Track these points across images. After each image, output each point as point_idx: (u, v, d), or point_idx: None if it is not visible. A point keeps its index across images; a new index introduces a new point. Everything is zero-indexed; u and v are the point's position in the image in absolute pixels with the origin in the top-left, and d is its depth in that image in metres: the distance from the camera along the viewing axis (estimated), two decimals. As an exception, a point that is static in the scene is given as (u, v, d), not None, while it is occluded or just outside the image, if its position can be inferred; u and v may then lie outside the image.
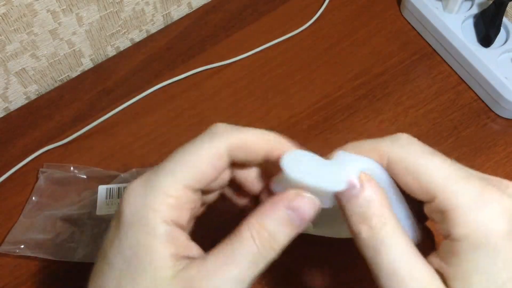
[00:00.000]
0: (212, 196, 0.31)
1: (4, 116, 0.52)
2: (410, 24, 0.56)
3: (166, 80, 0.53)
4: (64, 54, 0.53)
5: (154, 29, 0.58)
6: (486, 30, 0.49)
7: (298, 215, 0.25)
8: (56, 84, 0.55)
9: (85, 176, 0.47)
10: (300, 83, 0.52)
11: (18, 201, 0.46)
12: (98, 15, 0.52)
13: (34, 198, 0.46)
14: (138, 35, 0.58)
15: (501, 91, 0.48)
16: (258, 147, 0.27)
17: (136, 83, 0.53)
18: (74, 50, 0.54)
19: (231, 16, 0.57)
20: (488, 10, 0.50)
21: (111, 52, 0.57)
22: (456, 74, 0.52)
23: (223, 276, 0.24)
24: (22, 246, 0.43)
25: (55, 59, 0.53)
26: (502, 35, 0.51)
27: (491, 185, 0.26)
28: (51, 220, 0.44)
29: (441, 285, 0.25)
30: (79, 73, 0.56)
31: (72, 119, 0.51)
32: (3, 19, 0.46)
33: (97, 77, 0.54)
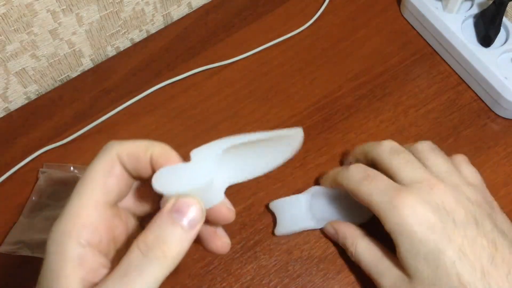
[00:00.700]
0: (146, 207, 0.31)
1: (4, 116, 0.52)
2: (410, 24, 0.56)
3: (166, 80, 0.53)
4: (64, 54, 0.53)
5: (154, 29, 0.58)
6: (486, 30, 0.49)
7: (181, 214, 0.25)
8: (56, 84, 0.55)
9: None
10: (300, 83, 0.52)
11: (18, 201, 0.46)
12: (98, 15, 0.52)
13: (34, 198, 0.46)
14: (138, 35, 0.58)
15: (501, 91, 0.48)
16: (143, 156, 0.28)
17: (136, 83, 0.53)
18: (74, 50, 0.54)
19: (231, 16, 0.57)
20: (488, 10, 0.50)
21: (111, 52, 0.57)
22: (456, 74, 0.52)
23: None
24: (22, 247, 0.43)
25: (55, 59, 0.53)
26: (502, 35, 0.51)
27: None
28: (51, 220, 0.44)
29: None
30: (79, 73, 0.56)
31: (72, 119, 0.51)
32: (3, 19, 0.46)
33: (97, 77, 0.54)
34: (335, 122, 0.50)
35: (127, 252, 0.25)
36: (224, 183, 0.30)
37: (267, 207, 0.45)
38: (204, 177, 0.27)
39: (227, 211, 0.29)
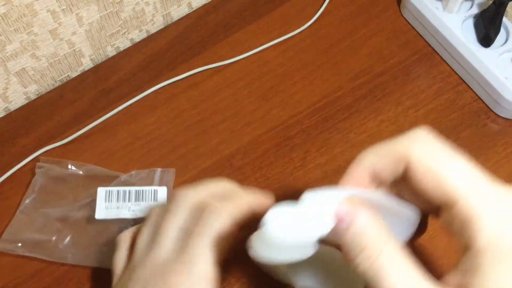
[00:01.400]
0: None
1: (4, 116, 0.52)
2: (410, 24, 0.56)
3: (166, 80, 0.53)
4: (64, 54, 0.53)
5: (154, 29, 0.58)
6: (486, 30, 0.49)
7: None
8: (56, 84, 0.55)
9: (82, 173, 0.47)
10: (300, 83, 0.52)
11: (18, 201, 0.46)
12: (98, 15, 0.52)
13: (31, 193, 0.46)
14: (138, 35, 0.58)
15: (501, 91, 0.47)
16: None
17: (136, 83, 0.53)
18: (74, 50, 0.54)
19: (231, 16, 0.57)
20: (488, 10, 0.50)
21: (111, 52, 0.57)
22: (456, 74, 0.52)
23: None
24: (20, 245, 0.43)
25: (55, 59, 0.53)
26: (502, 35, 0.51)
27: None
28: (49, 219, 0.44)
29: None
30: (79, 73, 0.56)
31: (72, 119, 0.51)
32: (3, 19, 0.46)
33: (97, 77, 0.54)
34: (335, 122, 0.50)
35: None
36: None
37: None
38: (326, 224, 0.25)
39: None
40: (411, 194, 0.28)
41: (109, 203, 0.44)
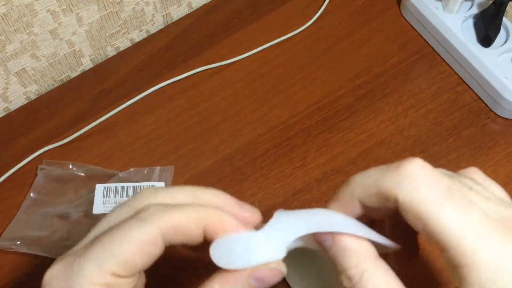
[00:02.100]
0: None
1: (4, 116, 0.52)
2: (410, 24, 0.56)
3: (166, 80, 0.53)
4: (64, 54, 0.53)
5: (154, 29, 0.58)
6: (486, 30, 0.49)
7: (262, 285, 0.25)
8: (56, 84, 0.55)
9: (83, 174, 0.47)
10: (300, 83, 0.52)
11: (18, 200, 0.46)
12: (98, 15, 0.52)
13: (32, 194, 0.46)
14: (138, 35, 0.58)
15: (501, 91, 0.47)
16: (194, 228, 0.25)
17: (136, 83, 0.53)
18: (74, 50, 0.54)
19: (231, 16, 0.57)
20: (488, 10, 0.50)
21: (111, 52, 0.57)
22: (456, 74, 0.52)
23: None
24: (19, 243, 0.43)
25: (55, 59, 0.53)
26: (502, 35, 0.51)
27: None
28: (48, 217, 0.44)
29: None
30: (79, 73, 0.56)
31: (72, 119, 0.51)
32: (3, 19, 0.46)
33: (97, 77, 0.54)
34: (335, 122, 0.50)
35: None
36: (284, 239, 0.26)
37: (267, 207, 0.45)
38: (278, 254, 0.25)
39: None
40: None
41: (107, 199, 0.44)
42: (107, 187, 0.45)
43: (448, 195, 0.24)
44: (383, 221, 0.30)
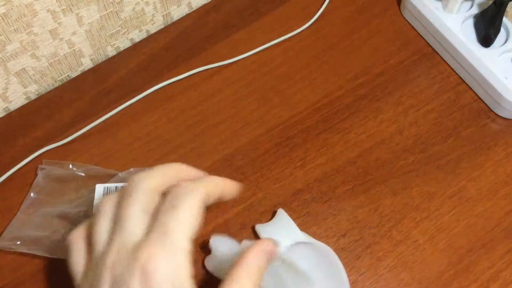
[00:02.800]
0: None
1: (4, 116, 0.52)
2: (410, 24, 0.56)
3: (166, 80, 0.53)
4: (64, 54, 0.53)
5: (154, 29, 0.58)
6: (486, 30, 0.49)
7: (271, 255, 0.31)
8: (56, 84, 0.55)
9: (83, 174, 0.47)
10: (300, 83, 0.52)
11: (18, 201, 0.46)
12: (98, 15, 0.52)
13: (32, 194, 0.46)
14: (138, 35, 0.58)
15: (501, 91, 0.48)
16: (216, 194, 0.33)
17: (136, 83, 0.53)
18: (74, 50, 0.54)
19: (231, 16, 0.57)
20: (488, 10, 0.50)
21: (111, 52, 0.57)
22: (456, 74, 0.52)
23: None
24: (18, 243, 0.43)
25: (55, 59, 0.53)
26: (502, 35, 0.51)
27: None
28: (48, 217, 0.44)
29: None
30: (79, 73, 0.56)
31: (72, 119, 0.51)
32: (3, 19, 0.46)
33: (97, 77, 0.54)
34: (335, 122, 0.50)
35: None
36: None
37: (267, 207, 0.45)
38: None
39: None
40: None
41: None
42: (107, 187, 0.45)
43: None
44: None
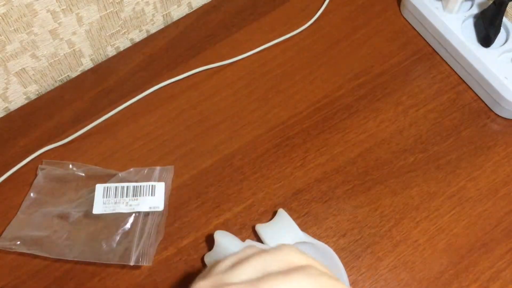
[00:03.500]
0: None
1: (4, 116, 0.52)
2: (410, 24, 0.56)
3: (166, 80, 0.53)
4: (64, 54, 0.53)
5: (154, 29, 0.58)
6: (486, 30, 0.49)
7: None
8: (56, 84, 0.55)
9: (83, 174, 0.47)
10: (300, 83, 0.52)
11: (18, 201, 0.46)
12: (98, 15, 0.52)
13: (32, 194, 0.46)
14: (138, 35, 0.58)
15: (501, 91, 0.48)
16: None
17: (136, 83, 0.53)
18: (74, 50, 0.54)
19: (231, 16, 0.57)
20: (488, 10, 0.50)
21: (111, 52, 0.57)
22: (456, 74, 0.52)
23: None
24: (18, 243, 0.43)
25: (55, 59, 0.53)
26: (502, 35, 0.51)
27: None
28: (48, 217, 0.44)
29: None
30: (79, 73, 0.56)
31: (72, 119, 0.51)
32: (3, 19, 0.46)
33: (97, 77, 0.54)
34: (335, 122, 0.50)
35: None
36: None
37: (267, 207, 0.45)
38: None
39: None
40: None
41: (106, 199, 0.44)
42: (107, 187, 0.45)
43: None
44: None
